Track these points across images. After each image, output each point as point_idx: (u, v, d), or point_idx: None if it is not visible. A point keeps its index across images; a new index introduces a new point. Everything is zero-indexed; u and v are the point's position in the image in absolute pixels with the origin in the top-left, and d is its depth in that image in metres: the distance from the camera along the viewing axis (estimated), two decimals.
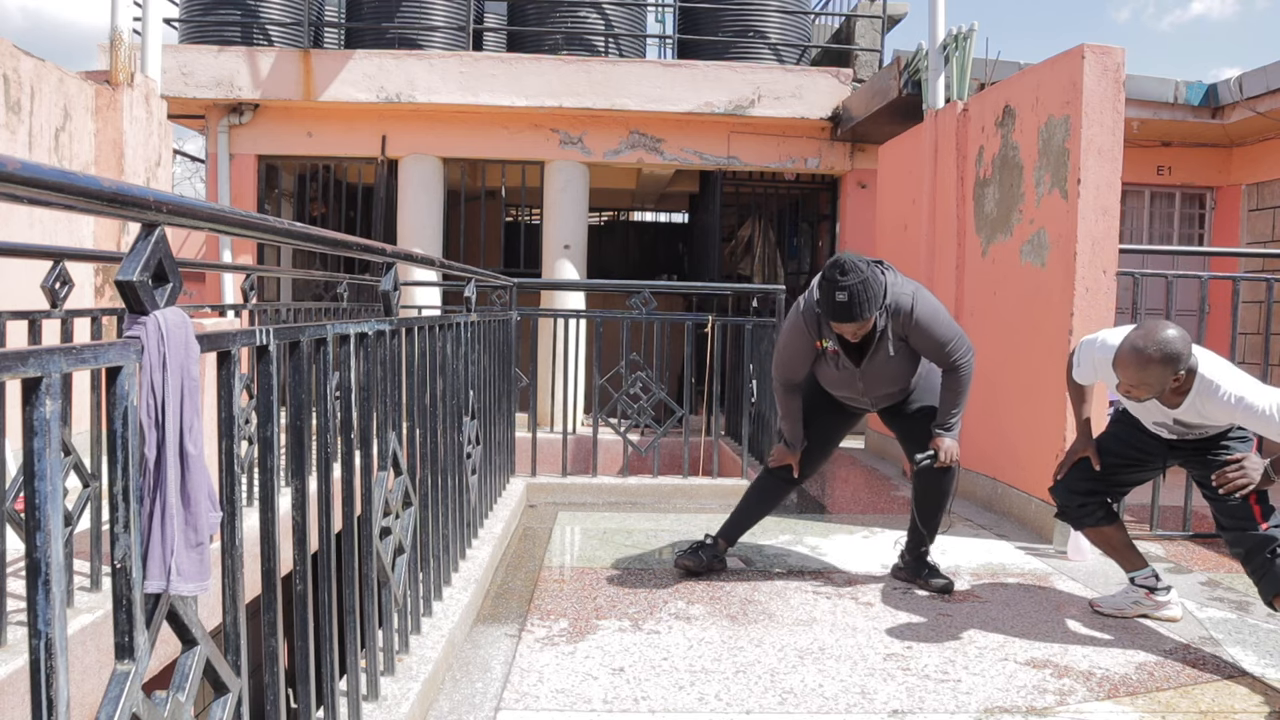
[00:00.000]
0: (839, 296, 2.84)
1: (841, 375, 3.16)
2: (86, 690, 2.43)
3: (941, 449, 3.09)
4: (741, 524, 3.44)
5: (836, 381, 3.22)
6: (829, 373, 3.20)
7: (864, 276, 2.84)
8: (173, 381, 1.07)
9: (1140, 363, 2.50)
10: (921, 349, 3.09)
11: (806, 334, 3.11)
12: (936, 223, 5.26)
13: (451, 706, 2.22)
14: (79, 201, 0.94)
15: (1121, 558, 2.99)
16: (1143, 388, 2.55)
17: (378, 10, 7.57)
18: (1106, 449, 2.95)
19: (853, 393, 3.23)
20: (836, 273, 2.85)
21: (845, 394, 3.27)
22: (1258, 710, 2.28)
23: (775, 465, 3.38)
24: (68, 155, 4.99)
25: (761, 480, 3.44)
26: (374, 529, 1.92)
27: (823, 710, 2.25)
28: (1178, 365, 2.49)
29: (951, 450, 3.09)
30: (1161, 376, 2.50)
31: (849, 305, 2.84)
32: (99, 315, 3.12)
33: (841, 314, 2.87)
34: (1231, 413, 2.56)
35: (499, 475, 4.08)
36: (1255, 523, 2.62)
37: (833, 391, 3.30)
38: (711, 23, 7.89)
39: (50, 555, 0.89)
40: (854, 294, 2.83)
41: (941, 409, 3.14)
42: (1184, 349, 2.49)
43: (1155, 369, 2.49)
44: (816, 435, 3.35)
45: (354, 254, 1.88)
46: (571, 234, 7.78)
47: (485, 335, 3.52)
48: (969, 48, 5.09)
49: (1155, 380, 2.51)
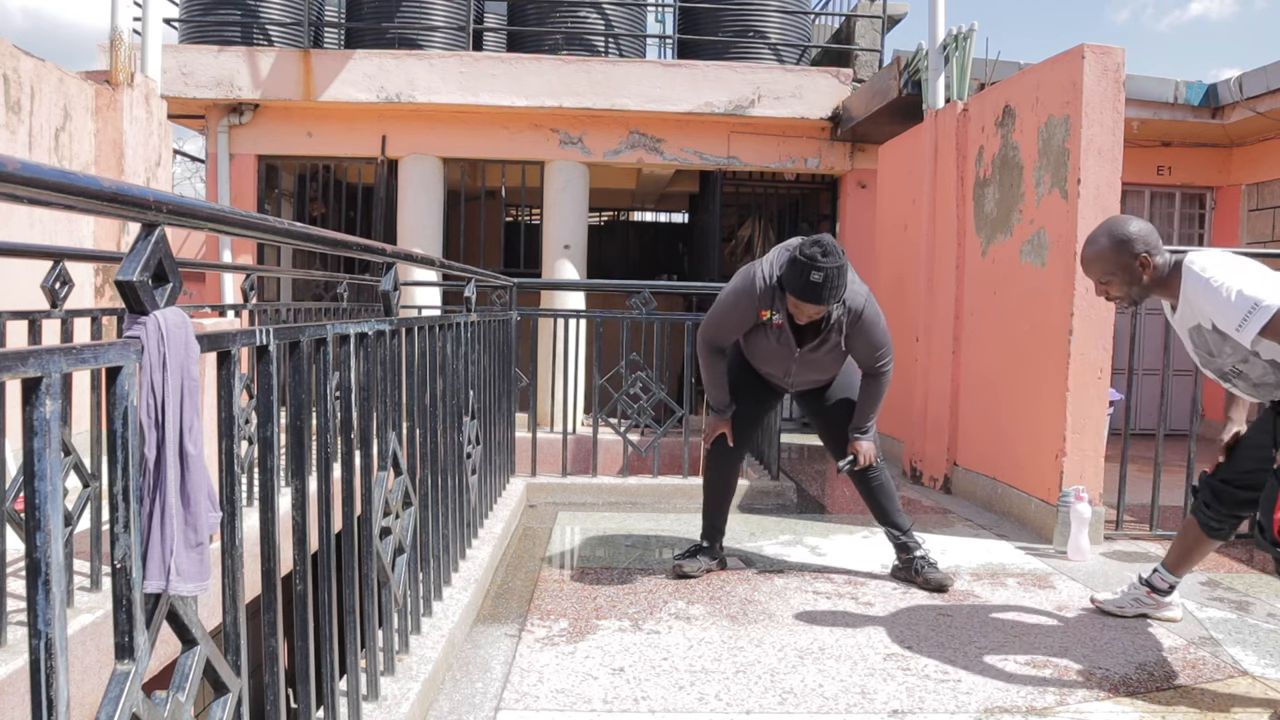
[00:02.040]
0: (814, 276, 2.80)
1: (776, 350, 3.13)
2: (86, 690, 2.43)
3: (860, 453, 3.24)
4: (716, 516, 3.42)
5: (767, 355, 3.18)
6: (763, 345, 3.15)
7: (841, 263, 2.83)
8: (173, 381, 1.07)
9: (1089, 245, 2.43)
10: (855, 349, 3.14)
11: (755, 302, 3.05)
12: (936, 223, 5.26)
13: (451, 706, 2.22)
14: (79, 201, 0.94)
15: (1181, 557, 2.83)
16: (1094, 270, 2.43)
17: (378, 10, 7.56)
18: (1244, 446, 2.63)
19: (779, 371, 3.21)
20: (818, 252, 2.81)
21: (770, 370, 3.25)
22: (1258, 710, 2.28)
23: (711, 438, 3.34)
24: (68, 155, 4.99)
25: (709, 464, 3.41)
26: (374, 529, 1.92)
27: (823, 710, 2.25)
28: (1131, 247, 2.36)
29: (869, 452, 3.25)
30: (1112, 260, 2.39)
31: (820, 288, 2.82)
32: (99, 315, 3.12)
33: (811, 294, 2.84)
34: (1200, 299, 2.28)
35: (499, 475, 4.08)
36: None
37: (759, 366, 3.27)
38: (711, 23, 7.89)
39: (50, 555, 0.89)
40: (829, 278, 2.81)
41: (859, 412, 3.23)
42: (1136, 231, 2.37)
43: (1102, 251, 2.39)
44: (743, 406, 3.33)
45: (354, 254, 1.88)
46: (571, 234, 7.78)
47: (485, 335, 3.52)
48: (969, 48, 5.09)
49: (1105, 264, 2.40)
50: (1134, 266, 2.39)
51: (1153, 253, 2.38)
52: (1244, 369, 2.38)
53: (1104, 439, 3.92)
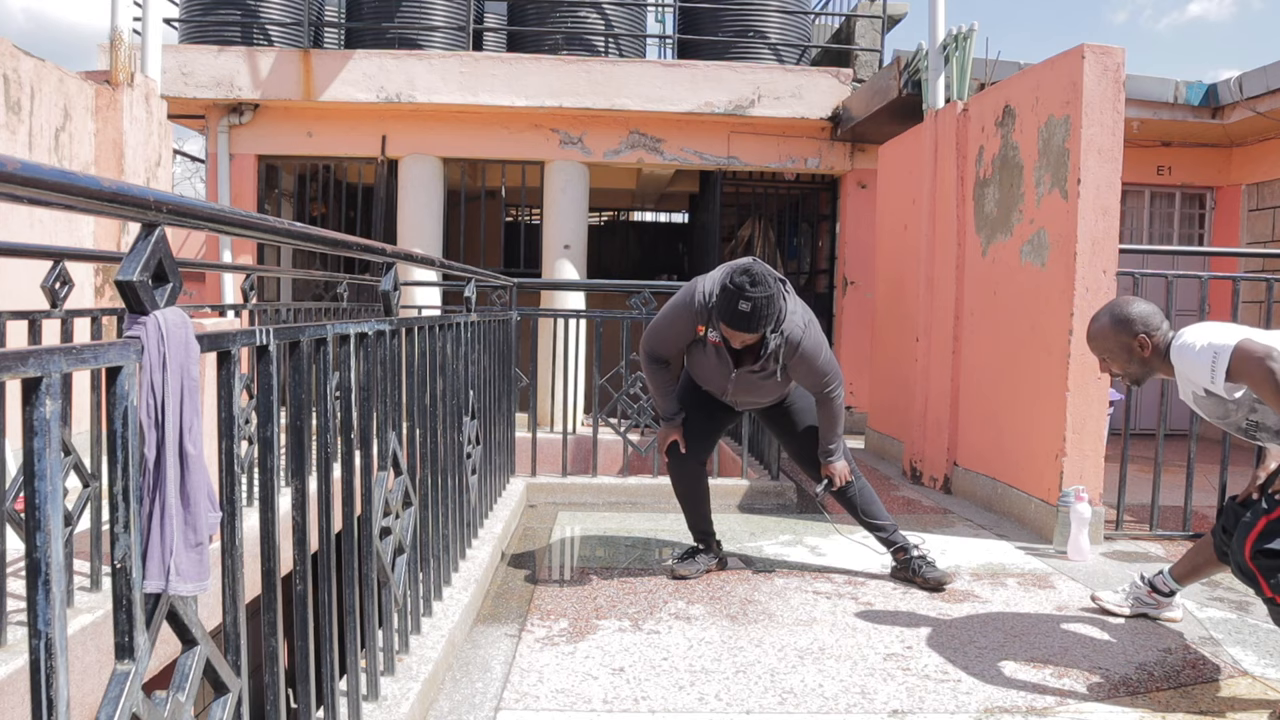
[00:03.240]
0: (742, 306, 2.81)
1: (714, 367, 3.14)
2: (86, 690, 2.43)
3: (835, 475, 3.31)
4: (698, 518, 3.42)
5: (706, 372, 3.20)
6: (701, 360, 3.17)
7: (770, 293, 2.83)
8: (173, 381, 1.07)
9: (1092, 323, 2.51)
10: (799, 378, 3.15)
11: (694, 318, 3.07)
12: (936, 223, 5.26)
13: (451, 706, 2.22)
14: (79, 201, 0.94)
15: (1190, 571, 2.83)
16: (1094, 347, 2.53)
17: (378, 10, 7.57)
18: None
19: (718, 389, 3.23)
20: (746, 281, 2.82)
21: (710, 388, 3.26)
22: (1258, 710, 2.28)
23: (663, 446, 3.35)
24: (68, 155, 4.99)
25: (672, 472, 3.41)
26: (374, 529, 1.92)
27: (823, 710, 2.25)
28: (1130, 327, 2.43)
29: (841, 471, 3.31)
30: (1111, 340, 2.47)
31: (749, 317, 2.83)
32: (99, 315, 3.12)
33: (738, 323, 2.86)
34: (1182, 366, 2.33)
35: (499, 475, 4.08)
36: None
37: (700, 382, 3.28)
38: (711, 23, 7.89)
39: (50, 555, 0.89)
40: (757, 308, 2.82)
41: (822, 438, 3.29)
42: (1137, 313, 2.44)
43: (1103, 329, 2.48)
44: (694, 416, 3.33)
45: (354, 254, 1.88)
46: (571, 234, 7.78)
47: (485, 335, 3.52)
48: (969, 48, 5.09)
49: (1105, 342, 2.48)
50: (1133, 345, 2.46)
51: (1152, 333, 2.45)
52: (1257, 419, 2.41)
53: (1104, 439, 3.92)
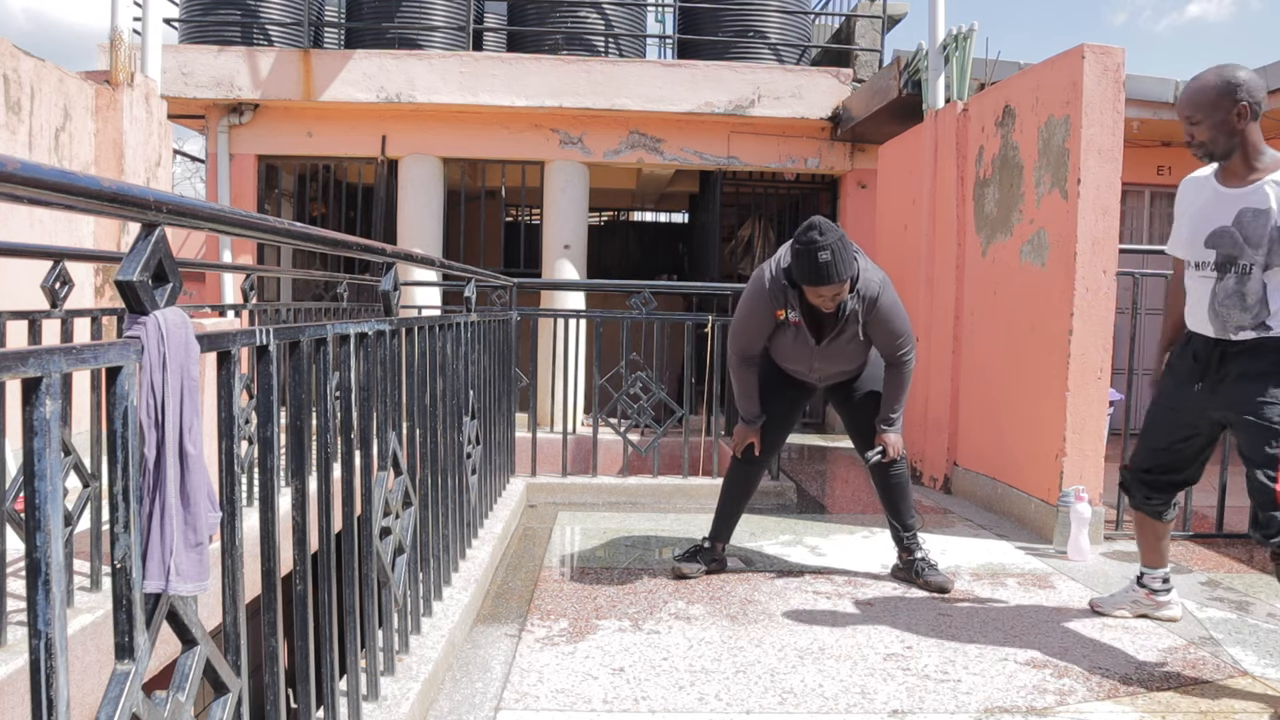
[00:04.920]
0: (821, 256, 2.82)
1: (797, 348, 3.16)
2: (86, 690, 2.43)
3: (888, 444, 3.26)
4: (728, 520, 3.43)
5: (791, 353, 3.21)
6: (785, 344, 3.19)
7: (841, 234, 2.88)
8: (173, 381, 1.07)
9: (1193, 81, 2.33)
10: (875, 338, 3.15)
11: (770, 303, 3.09)
12: (936, 223, 5.26)
13: (451, 706, 2.22)
14: (79, 201, 0.94)
15: (1148, 550, 2.88)
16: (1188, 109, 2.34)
17: (378, 10, 7.56)
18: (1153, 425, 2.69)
19: (804, 367, 3.24)
20: (815, 234, 2.84)
21: (797, 368, 3.27)
22: (1258, 710, 2.28)
23: (740, 448, 3.36)
24: (68, 155, 4.99)
25: (733, 471, 3.43)
26: (374, 529, 1.92)
27: (823, 710, 2.25)
28: (1234, 93, 2.28)
29: (896, 445, 3.27)
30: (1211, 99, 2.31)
31: (830, 266, 2.83)
32: (99, 315, 3.12)
33: (823, 275, 2.85)
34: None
35: (499, 475, 4.08)
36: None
37: (785, 365, 3.30)
38: (711, 23, 7.88)
39: (50, 555, 0.89)
40: (835, 253, 2.83)
41: (885, 404, 3.24)
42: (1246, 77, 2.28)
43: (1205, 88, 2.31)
44: (773, 413, 3.35)
45: (354, 254, 1.88)
46: (571, 234, 7.78)
47: (485, 335, 3.52)
48: (969, 48, 5.09)
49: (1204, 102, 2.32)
50: (1230, 114, 2.33)
51: (1255, 106, 2.31)
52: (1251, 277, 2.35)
53: (1104, 439, 3.92)
